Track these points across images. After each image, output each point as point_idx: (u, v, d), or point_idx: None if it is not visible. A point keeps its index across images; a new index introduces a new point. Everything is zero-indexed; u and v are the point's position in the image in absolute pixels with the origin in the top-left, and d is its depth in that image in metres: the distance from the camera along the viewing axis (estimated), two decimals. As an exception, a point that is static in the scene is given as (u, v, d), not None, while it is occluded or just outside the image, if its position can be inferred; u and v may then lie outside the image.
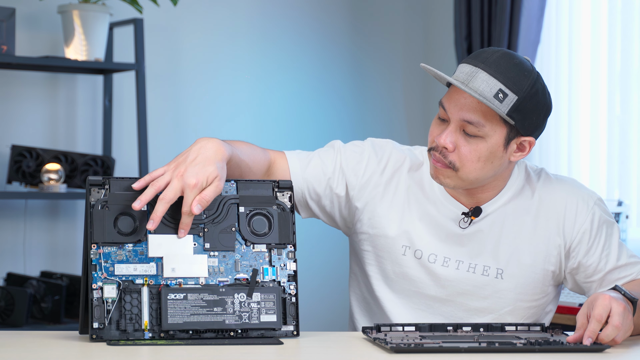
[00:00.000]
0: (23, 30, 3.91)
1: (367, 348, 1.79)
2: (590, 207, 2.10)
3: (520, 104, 1.97)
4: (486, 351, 1.74)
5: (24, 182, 3.77)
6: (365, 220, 2.15)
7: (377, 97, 4.75)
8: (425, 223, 2.11)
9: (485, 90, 1.96)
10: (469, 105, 1.98)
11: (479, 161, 2.00)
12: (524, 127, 2.00)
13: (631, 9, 3.90)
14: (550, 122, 4.15)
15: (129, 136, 4.11)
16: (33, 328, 3.55)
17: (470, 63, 2.00)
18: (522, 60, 2.00)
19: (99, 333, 1.78)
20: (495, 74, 1.96)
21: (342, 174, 2.14)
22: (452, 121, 2.00)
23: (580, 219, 2.09)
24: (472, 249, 2.09)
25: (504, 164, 2.05)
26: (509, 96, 1.96)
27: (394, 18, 4.82)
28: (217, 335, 1.82)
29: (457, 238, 2.10)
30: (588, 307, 1.83)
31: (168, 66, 4.28)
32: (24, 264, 3.93)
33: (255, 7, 4.49)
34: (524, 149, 2.05)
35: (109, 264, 1.81)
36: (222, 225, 1.88)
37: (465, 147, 2.00)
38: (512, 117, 1.98)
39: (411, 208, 2.12)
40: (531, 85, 1.98)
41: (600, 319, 1.80)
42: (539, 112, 2.01)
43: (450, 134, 2.00)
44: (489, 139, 2.00)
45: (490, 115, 1.98)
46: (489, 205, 2.10)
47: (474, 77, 1.97)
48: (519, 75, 1.97)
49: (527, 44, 4.17)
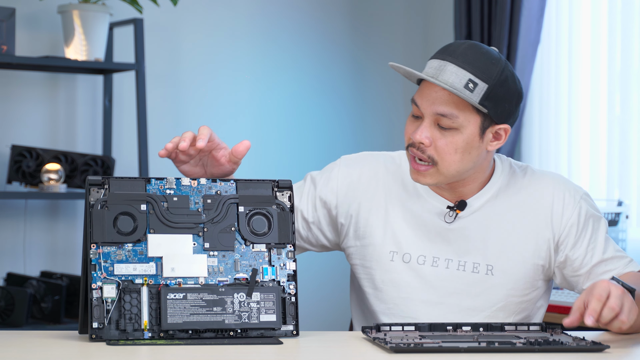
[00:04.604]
0: (23, 30, 3.91)
1: (366, 348, 1.79)
2: (577, 200, 2.11)
3: (491, 92, 1.98)
4: (486, 351, 1.74)
5: (24, 182, 3.77)
6: (351, 234, 2.16)
7: (377, 97, 4.75)
8: (410, 223, 2.11)
9: (455, 81, 1.97)
10: (440, 99, 1.99)
11: (456, 153, 2.01)
12: (497, 114, 2.01)
13: (631, 9, 3.90)
14: (550, 122, 4.17)
15: (129, 136, 4.12)
16: (33, 328, 3.55)
17: (438, 57, 2.02)
18: (489, 50, 2.02)
19: (98, 333, 1.78)
20: (464, 65, 1.98)
21: (320, 203, 2.18)
22: (426, 116, 2.01)
23: (568, 212, 2.10)
24: (460, 246, 2.09)
25: (482, 154, 2.05)
26: (479, 85, 1.98)
27: (394, 18, 4.82)
28: (216, 335, 1.82)
29: (443, 234, 2.09)
30: (587, 294, 1.83)
31: (168, 66, 4.28)
32: (24, 264, 3.93)
33: (255, 7, 4.49)
34: (500, 138, 2.05)
35: (108, 264, 1.81)
36: (221, 225, 1.88)
37: (441, 140, 2.01)
38: (484, 105, 1.99)
39: (394, 210, 2.13)
40: (500, 73, 1.99)
41: (600, 298, 1.80)
42: (510, 99, 2.02)
43: (425, 129, 2.01)
44: (464, 130, 2.00)
45: (462, 106, 1.99)
46: (474, 200, 2.10)
47: (442, 70, 1.99)
48: (487, 64, 1.99)
49: (527, 44, 4.17)
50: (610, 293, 1.82)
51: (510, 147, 4.24)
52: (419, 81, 2.06)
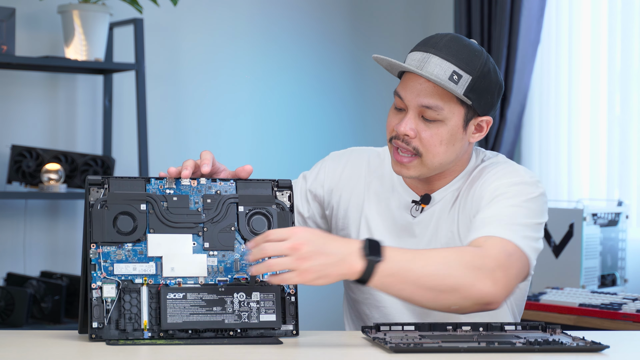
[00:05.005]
0: (23, 30, 3.91)
1: (366, 348, 1.78)
2: (495, 178, 2.00)
3: (475, 84, 1.99)
4: (486, 351, 1.73)
5: (24, 182, 3.77)
6: (333, 225, 2.21)
7: (377, 97, 4.75)
8: (383, 217, 2.13)
9: (440, 73, 1.97)
10: (425, 90, 1.99)
11: (441, 144, 2.01)
12: (480, 106, 2.01)
13: (631, 9, 3.90)
14: (550, 122, 4.17)
15: (129, 136, 4.12)
16: (33, 328, 3.55)
17: (421, 50, 2.01)
18: (470, 42, 2.02)
19: (98, 333, 1.78)
20: (447, 57, 1.98)
21: (311, 196, 2.21)
22: (410, 108, 2.01)
23: (481, 189, 2.00)
24: (421, 239, 2.10)
25: (464, 146, 2.05)
26: (463, 77, 1.98)
27: (394, 18, 4.82)
28: (216, 334, 1.82)
29: (409, 228, 2.11)
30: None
31: (168, 66, 4.28)
32: (24, 264, 3.93)
33: (255, 7, 4.49)
34: (482, 129, 2.06)
35: (108, 264, 1.81)
36: (221, 225, 1.88)
37: (426, 132, 2.01)
38: (468, 97, 1.99)
39: (370, 203, 2.15)
40: (483, 65, 2.00)
41: (269, 235, 1.74)
42: (492, 91, 2.02)
43: (410, 121, 2.01)
44: (449, 122, 2.00)
45: (447, 98, 1.99)
46: (438, 194, 2.10)
47: (426, 62, 1.98)
48: (470, 56, 1.99)
49: (527, 44, 4.17)
50: (290, 236, 1.73)
51: (510, 147, 4.24)
52: (400, 74, 2.06)
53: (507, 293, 1.85)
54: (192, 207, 1.87)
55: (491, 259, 1.83)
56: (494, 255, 1.84)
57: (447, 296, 1.80)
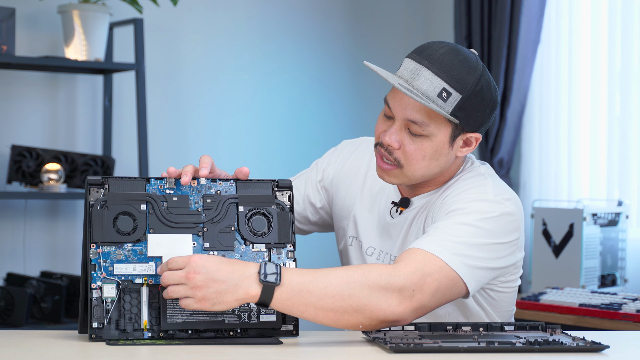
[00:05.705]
0: (23, 30, 3.91)
1: (366, 348, 1.78)
2: (459, 200, 1.98)
3: (464, 103, 1.95)
4: (486, 351, 1.73)
5: (24, 182, 3.77)
6: (332, 212, 2.24)
7: (377, 97, 4.75)
8: (372, 214, 2.15)
9: (428, 89, 1.94)
10: (412, 105, 1.97)
11: (424, 159, 2.00)
12: (468, 124, 1.99)
13: (631, 9, 3.90)
14: (550, 122, 4.17)
15: (129, 136, 4.12)
16: (33, 328, 3.55)
17: (415, 59, 1.98)
18: (467, 56, 1.98)
19: (98, 333, 1.78)
20: (439, 72, 1.95)
21: (320, 186, 2.24)
22: (397, 120, 2.00)
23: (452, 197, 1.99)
24: (395, 241, 2.11)
25: (450, 160, 2.04)
26: (452, 95, 1.94)
27: (394, 18, 4.82)
28: (216, 334, 1.82)
29: (387, 228, 2.12)
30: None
31: (168, 66, 4.28)
32: (24, 264, 3.93)
33: (255, 8, 4.49)
34: (470, 144, 2.03)
35: (108, 264, 1.81)
36: (221, 225, 1.88)
37: (410, 145, 1.99)
38: (456, 115, 1.96)
39: (363, 198, 2.17)
40: (475, 83, 1.95)
41: (168, 264, 1.77)
42: (484, 109, 1.99)
43: (395, 133, 1.99)
44: (434, 138, 1.98)
45: (434, 115, 1.97)
46: (417, 198, 2.09)
47: (417, 75, 1.96)
48: (464, 73, 1.95)
49: (527, 44, 4.17)
50: (185, 265, 1.76)
51: (510, 147, 4.24)
52: None
53: (416, 313, 1.83)
54: (192, 207, 1.87)
55: (400, 277, 1.82)
56: (404, 274, 1.83)
57: (351, 317, 1.80)
